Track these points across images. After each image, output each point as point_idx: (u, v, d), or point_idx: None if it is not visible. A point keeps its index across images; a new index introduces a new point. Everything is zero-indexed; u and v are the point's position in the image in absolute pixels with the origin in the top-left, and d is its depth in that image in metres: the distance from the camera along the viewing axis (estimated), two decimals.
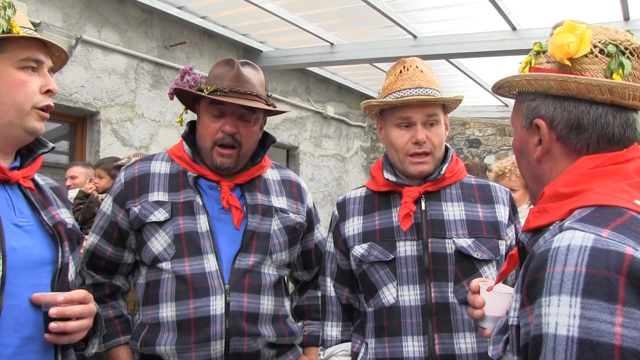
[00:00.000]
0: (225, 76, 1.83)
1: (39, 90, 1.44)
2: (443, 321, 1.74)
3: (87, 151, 5.05)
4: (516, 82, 1.16)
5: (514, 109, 1.23)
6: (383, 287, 1.80)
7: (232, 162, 1.86)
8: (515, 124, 1.21)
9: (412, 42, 5.82)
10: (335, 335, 1.93)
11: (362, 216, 1.90)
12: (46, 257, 1.44)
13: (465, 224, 1.82)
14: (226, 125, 1.83)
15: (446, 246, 1.78)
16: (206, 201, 1.85)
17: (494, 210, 1.86)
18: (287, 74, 7.10)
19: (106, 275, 1.90)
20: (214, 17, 5.76)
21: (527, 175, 1.21)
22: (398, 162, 1.85)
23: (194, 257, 1.78)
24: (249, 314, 1.78)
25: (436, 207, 1.83)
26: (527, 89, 1.14)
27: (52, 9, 4.56)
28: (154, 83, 5.43)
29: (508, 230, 1.87)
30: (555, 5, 5.01)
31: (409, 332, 1.75)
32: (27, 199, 1.47)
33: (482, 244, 1.80)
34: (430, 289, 1.76)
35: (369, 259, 1.82)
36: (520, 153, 1.21)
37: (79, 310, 1.39)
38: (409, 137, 1.81)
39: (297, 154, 7.45)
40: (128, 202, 1.86)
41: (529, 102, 1.14)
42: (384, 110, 1.89)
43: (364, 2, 4.94)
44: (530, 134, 1.15)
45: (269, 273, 1.87)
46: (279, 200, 1.96)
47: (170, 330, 1.75)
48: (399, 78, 1.84)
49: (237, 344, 1.75)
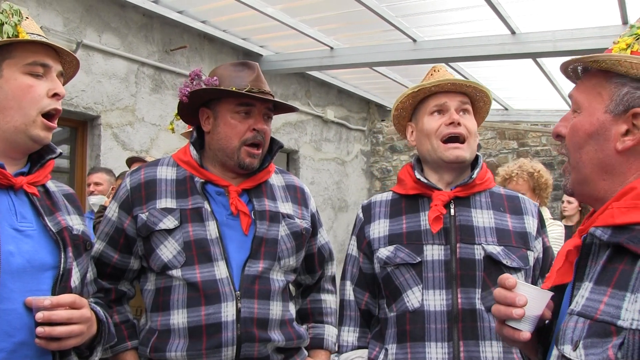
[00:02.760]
0: (246, 77, 1.85)
1: (45, 94, 1.45)
2: (469, 328, 1.70)
3: (87, 155, 5.06)
4: (628, 64, 1.05)
5: (589, 89, 1.13)
6: (408, 291, 1.76)
7: (258, 163, 1.89)
8: (592, 106, 1.11)
9: (412, 46, 5.83)
10: (351, 341, 1.89)
11: (388, 219, 1.88)
12: (47, 263, 1.44)
13: (494, 231, 1.79)
14: (257, 123, 1.85)
15: (475, 252, 1.75)
16: (214, 207, 1.85)
17: (522, 221, 1.83)
18: (287, 78, 7.11)
19: (112, 281, 1.90)
20: (214, 22, 5.78)
21: (590, 161, 1.11)
22: (432, 151, 1.82)
23: (204, 264, 1.78)
24: (259, 320, 1.78)
25: (465, 212, 1.81)
26: (635, 73, 1.04)
27: (52, 13, 4.57)
28: (155, 87, 5.44)
29: (536, 243, 1.83)
30: (554, 10, 5.02)
31: (433, 337, 1.70)
32: (32, 205, 1.47)
33: (512, 252, 1.76)
34: (457, 295, 1.72)
35: (395, 260, 1.79)
36: (590, 137, 1.10)
37: (67, 315, 1.36)
38: (442, 120, 1.81)
39: (298, 157, 7.46)
40: (135, 209, 1.85)
41: (631, 89, 1.05)
42: (416, 110, 1.90)
43: (364, 6, 4.95)
44: (617, 121, 1.06)
45: (278, 279, 1.87)
46: (285, 206, 1.96)
47: (182, 337, 1.75)
48: (429, 78, 1.87)
49: (248, 350, 1.76)
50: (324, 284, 2.13)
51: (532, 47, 5.35)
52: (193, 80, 1.88)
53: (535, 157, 7.87)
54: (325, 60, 6.31)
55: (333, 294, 2.15)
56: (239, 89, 1.82)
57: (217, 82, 1.86)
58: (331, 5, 5.26)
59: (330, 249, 2.16)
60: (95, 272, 1.76)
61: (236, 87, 1.82)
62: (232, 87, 1.83)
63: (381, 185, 8.87)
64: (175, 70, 5.59)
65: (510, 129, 8.14)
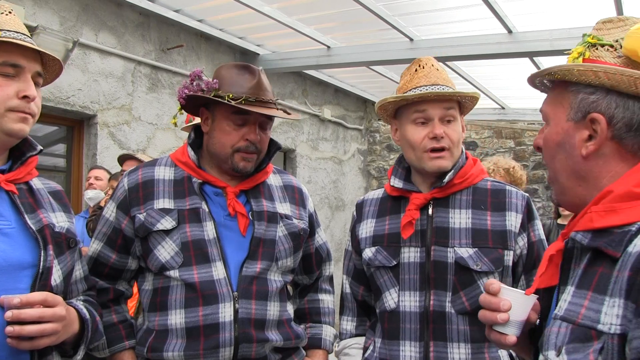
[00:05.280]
0: (246, 84, 1.81)
1: (15, 94, 1.41)
2: (439, 329, 1.75)
3: (84, 154, 5.05)
4: (577, 72, 1.07)
5: (552, 100, 1.16)
6: (386, 292, 1.84)
7: (252, 166, 1.87)
8: (556, 116, 1.14)
9: (409, 45, 5.84)
10: (349, 329, 2.01)
11: (375, 219, 1.94)
12: (26, 261, 1.41)
13: (470, 232, 1.79)
14: (251, 133, 1.82)
15: (447, 255, 1.77)
16: (212, 208, 1.84)
17: (504, 219, 1.81)
18: (284, 77, 7.11)
19: (109, 281, 1.89)
20: (210, 20, 5.77)
21: (564, 170, 1.13)
22: (415, 160, 1.82)
23: (202, 264, 1.78)
24: (256, 321, 1.79)
25: (443, 214, 1.82)
26: (590, 80, 1.06)
27: (49, 12, 4.56)
28: (151, 86, 5.43)
29: (519, 239, 1.81)
30: (550, 9, 5.03)
31: (407, 337, 1.78)
32: (12, 202, 1.45)
33: (485, 255, 1.76)
34: (429, 297, 1.77)
35: (374, 263, 1.86)
36: (558, 147, 1.13)
37: (37, 314, 1.31)
38: (426, 132, 1.78)
39: (294, 156, 7.46)
40: (133, 209, 1.84)
41: (585, 95, 1.07)
42: (399, 110, 1.87)
43: (361, 5, 4.95)
44: (579, 128, 1.08)
45: (275, 279, 1.87)
46: (283, 206, 1.96)
47: (179, 337, 1.75)
48: (414, 76, 1.83)
49: (246, 350, 1.76)
50: (322, 284, 2.14)
51: (529, 46, 5.36)
52: (193, 81, 1.87)
53: (531, 156, 7.89)
54: (322, 59, 6.31)
55: (331, 294, 2.16)
56: (237, 95, 1.78)
57: (217, 85, 1.83)
58: (328, 4, 5.26)
59: (328, 249, 2.16)
60: (86, 270, 1.73)
61: (235, 93, 1.79)
62: (230, 93, 1.79)
63: (378, 184, 8.88)
64: (172, 69, 5.58)
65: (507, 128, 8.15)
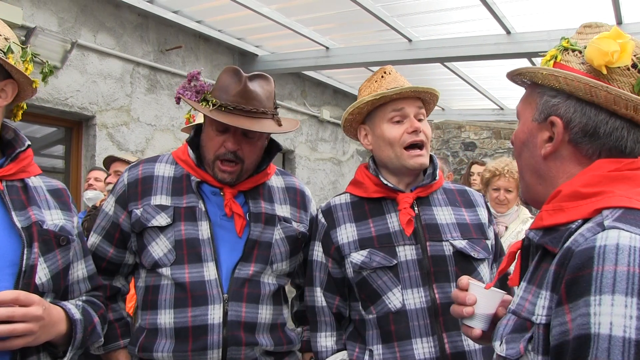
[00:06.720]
0: (231, 90, 1.78)
1: None
2: (450, 320, 1.74)
3: (82, 155, 5.05)
4: (542, 75, 1.12)
5: (524, 99, 1.20)
6: (388, 293, 1.79)
7: (233, 177, 1.83)
8: (525, 115, 1.18)
9: (407, 45, 5.84)
10: (330, 346, 1.89)
11: (354, 223, 1.87)
12: (9, 259, 1.39)
13: (456, 226, 1.86)
14: (228, 142, 1.79)
15: (444, 248, 1.81)
16: (209, 207, 1.83)
17: (476, 213, 1.93)
18: (283, 78, 7.11)
19: (106, 277, 1.88)
20: (209, 22, 5.77)
21: (527, 168, 1.18)
22: (395, 158, 1.85)
23: (193, 264, 1.77)
24: (246, 324, 1.77)
25: (429, 211, 1.87)
26: (552, 84, 1.10)
27: (47, 13, 4.56)
28: (150, 87, 5.43)
29: (489, 232, 1.93)
30: (548, 10, 5.03)
31: (418, 334, 1.75)
32: (1, 199, 1.44)
33: (475, 244, 1.85)
34: (434, 291, 1.78)
35: (371, 265, 1.79)
36: (523, 145, 1.18)
37: (6, 313, 1.28)
38: (404, 129, 1.84)
39: (293, 157, 7.46)
40: (130, 204, 1.84)
41: (548, 97, 1.11)
42: (371, 114, 1.89)
43: (359, 6, 4.96)
44: (541, 129, 1.13)
45: (269, 282, 1.86)
46: (283, 208, 1.95)
47: (168, 337, 1.75)
48: (382, 81, 1.88)
49: (234, 353, 1.75)
50: None
51: (527, 47, 5.36)
52: (191, 82, 1.88)
53: None
54: (320, 60, 6.31)
55: None
56: (223, 104, 1.76)
57: (209, 89, 1.84)
58: (326, 5, 5.26)
59: None
60: (90, 270, 1.70)
61: (222, 100, 1.77)
62: (216, 99, 1.78)
63: None
64: (170, 70, 5.58)
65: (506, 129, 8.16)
